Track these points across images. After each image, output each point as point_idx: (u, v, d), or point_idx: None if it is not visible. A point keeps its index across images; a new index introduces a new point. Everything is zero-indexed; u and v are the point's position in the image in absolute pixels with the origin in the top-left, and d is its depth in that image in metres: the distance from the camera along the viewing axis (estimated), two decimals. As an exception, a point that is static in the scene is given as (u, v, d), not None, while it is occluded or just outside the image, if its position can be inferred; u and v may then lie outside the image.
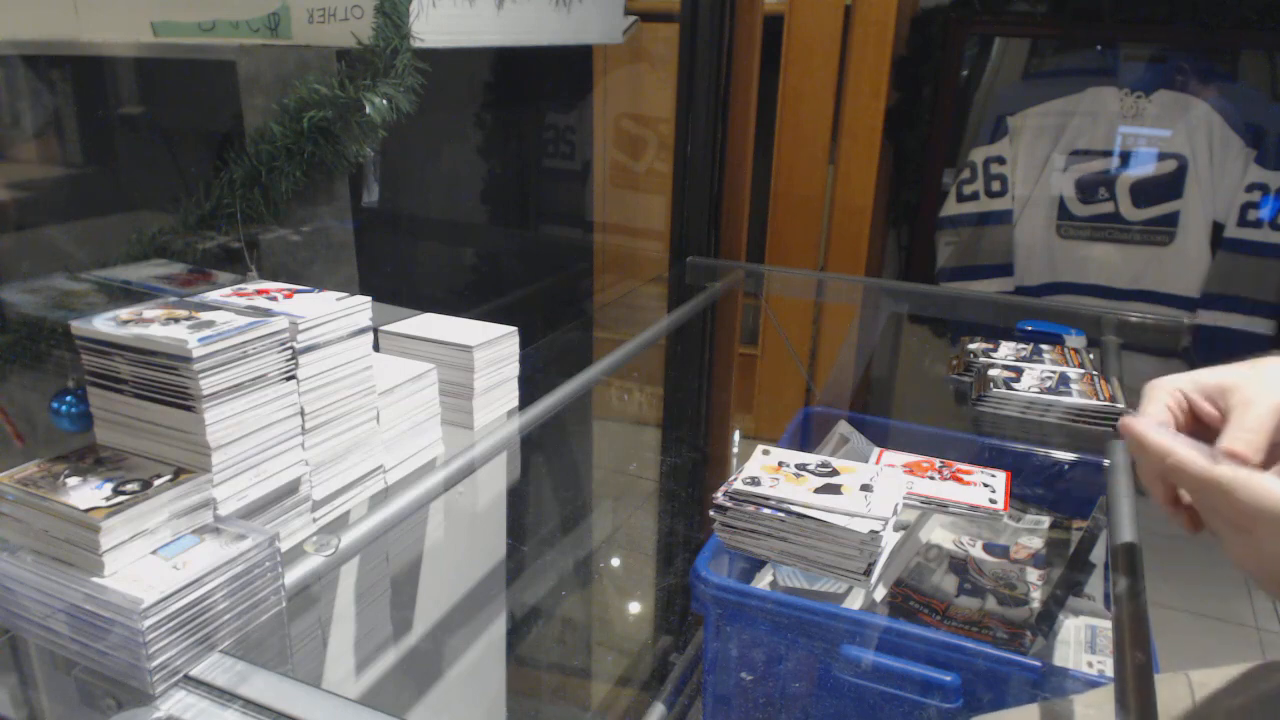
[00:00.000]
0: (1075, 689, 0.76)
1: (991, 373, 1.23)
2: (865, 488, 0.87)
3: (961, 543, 1.10)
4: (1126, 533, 0.76)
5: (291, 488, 0.78)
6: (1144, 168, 2.18)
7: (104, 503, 0.62)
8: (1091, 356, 1.33)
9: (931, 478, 1.03)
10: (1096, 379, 1.23)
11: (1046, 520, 1.14)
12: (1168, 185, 2.17)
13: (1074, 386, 1.20)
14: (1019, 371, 1.24)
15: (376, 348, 0.92)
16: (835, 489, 0.87)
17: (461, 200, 2.15)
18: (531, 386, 1.14)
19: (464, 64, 2.07)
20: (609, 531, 1.48)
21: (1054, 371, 1.24)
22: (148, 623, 0.59)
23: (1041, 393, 1.17)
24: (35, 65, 1.21)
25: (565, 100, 2.47)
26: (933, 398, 1.54)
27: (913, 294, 2.02)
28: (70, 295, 1.05)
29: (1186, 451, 0.54)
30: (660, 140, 2.41)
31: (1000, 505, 0.97)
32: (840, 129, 2.25)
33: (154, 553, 0.64)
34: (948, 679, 0.80)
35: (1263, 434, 0.58)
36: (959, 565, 1.05)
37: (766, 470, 0.90)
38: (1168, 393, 0.65)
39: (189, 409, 0.67)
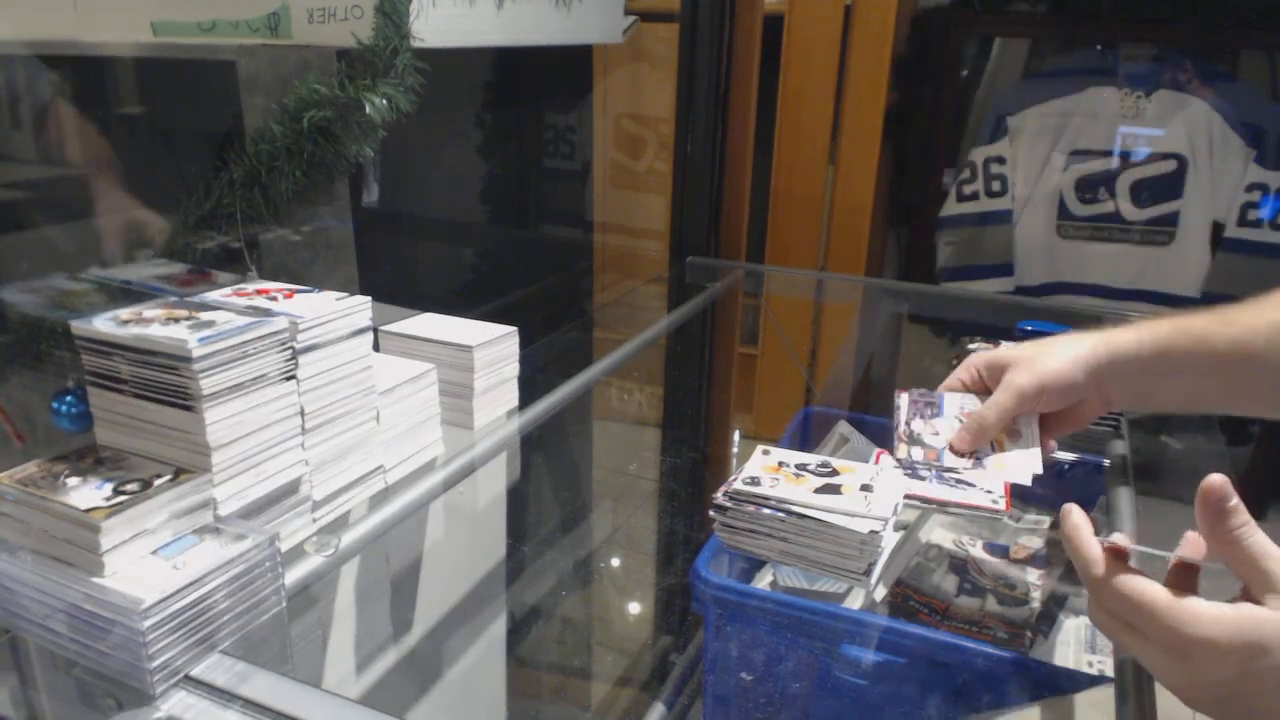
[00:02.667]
0: (1075, 689, 0.76)
1: None
2: (865, 488, 0.87)
3: (961, 543, 1.10)
4: (1125, 531, 0.76)
5: (292, 488, 0.78)
6: (1144, 168, 2.18)
7: (104, 503, 0.62)
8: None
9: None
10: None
11: (1046, 520, 1.14)
12: (1168, 185, 2.17)
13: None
14: None
15: (376, 348, 0.92)
16: (835, 489, 0.87)
17: (461, 200, 2.15)
18: (531, 386, 1.14)
19: (464, 64, 2.08)
20: (609, 531, 1.48)
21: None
22: (148, 623, 0.59)
23: None
24: (35, 65, 1.21)
25: (565, 100, 2.47)
26: (933, 398, 1.54)
27: (913, 294, 2.02)
28: (70, 295, 1.05)
29: (1127, 577, 0.53)
30: (660, 140, 2.41)
31: (1001, 505, 0.97)
32: (840, 129, 2.25)
33: (154, 553, 0.64)
34: (948, 679, 0.80)
35: (982, 430, 0.75)
36: (959, 565, 1.05)
37: (766, 470, 0.90)
38: (968, 367, 0.80)
39: (189, 409, 0.67)
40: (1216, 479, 0.53)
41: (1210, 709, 0.50)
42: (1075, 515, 0.59)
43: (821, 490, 0.87)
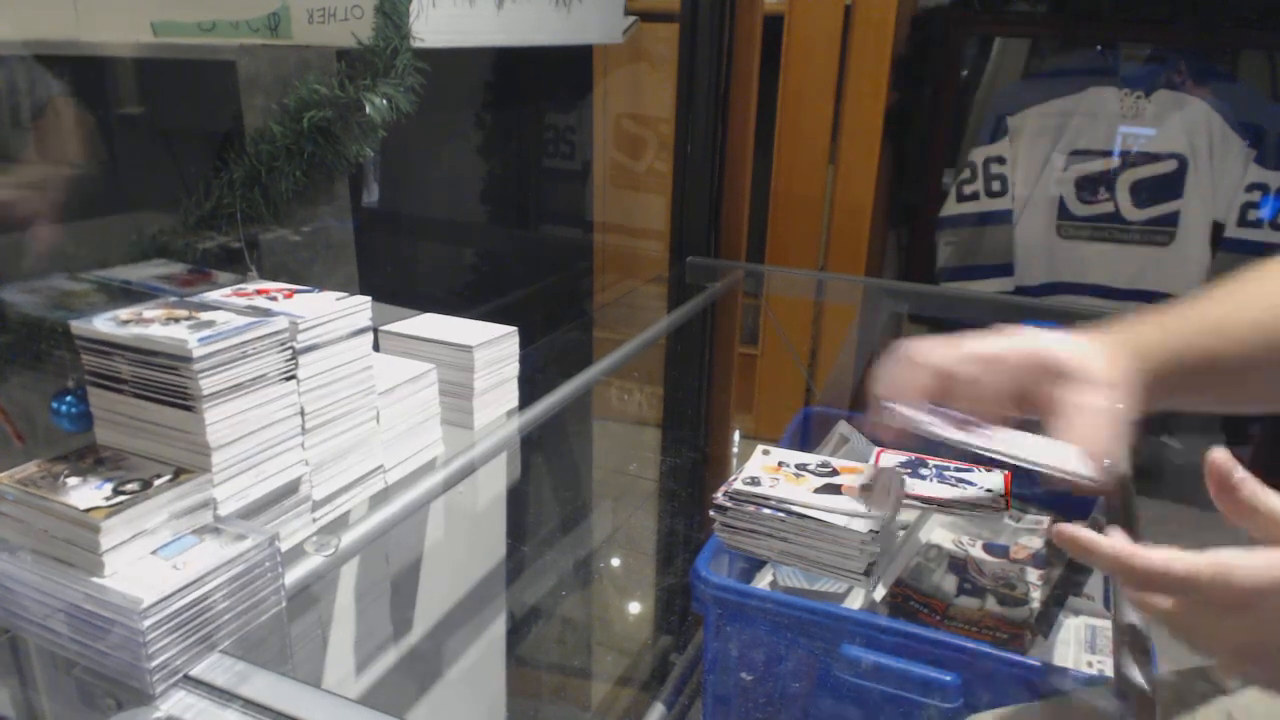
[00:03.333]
0: (1075, 689, 0.76)
1: None
2: (865, 487, 0.87)
3: (961, 543, 1.10)
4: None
5: (291, 488, 0.78)
6: (1144, 168, 2.18)
7: (104, 503, 0.62)
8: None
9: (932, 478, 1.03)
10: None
11: (1046, 520, 1.14)
12: (1168, 185, 2.17)
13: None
14: None
15: (376, 348, 0.92)
16: (835, 489, 0.87)
17: (461, 200, 2.15)
18: (531, 386, 1.14)
19: (464, 64, 2.08)
20: (609, 531, 1.48)
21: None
22: (148, 623, 0.59)
23: None
24: (35, 65, 1.21)
25: (565, 100, 2.47)
26: (933, 398, 1.54)
27: (913, 294, 2.02)
28: (70, 295, 1.05)
29: (1156, 553, 0.52)
30: (660, 140, 2.41)
31: (1001, 505, 0.98)
32: (840, 129, 2.25)
33: (154, 553, 0.64)
34: (947, 679, 0.80)
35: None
36: (959, 565, 1.04)
37: (766, 470, 0.90)
38: (929, 372, 0.68)
39: (189, 409, 0.67)
40: (1219, 455, 0.53)
41: None
42: (1073, 531, 0.56)
43: (821, 490, 0.87)
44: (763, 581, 1.08)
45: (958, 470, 1.05)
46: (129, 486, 0.65)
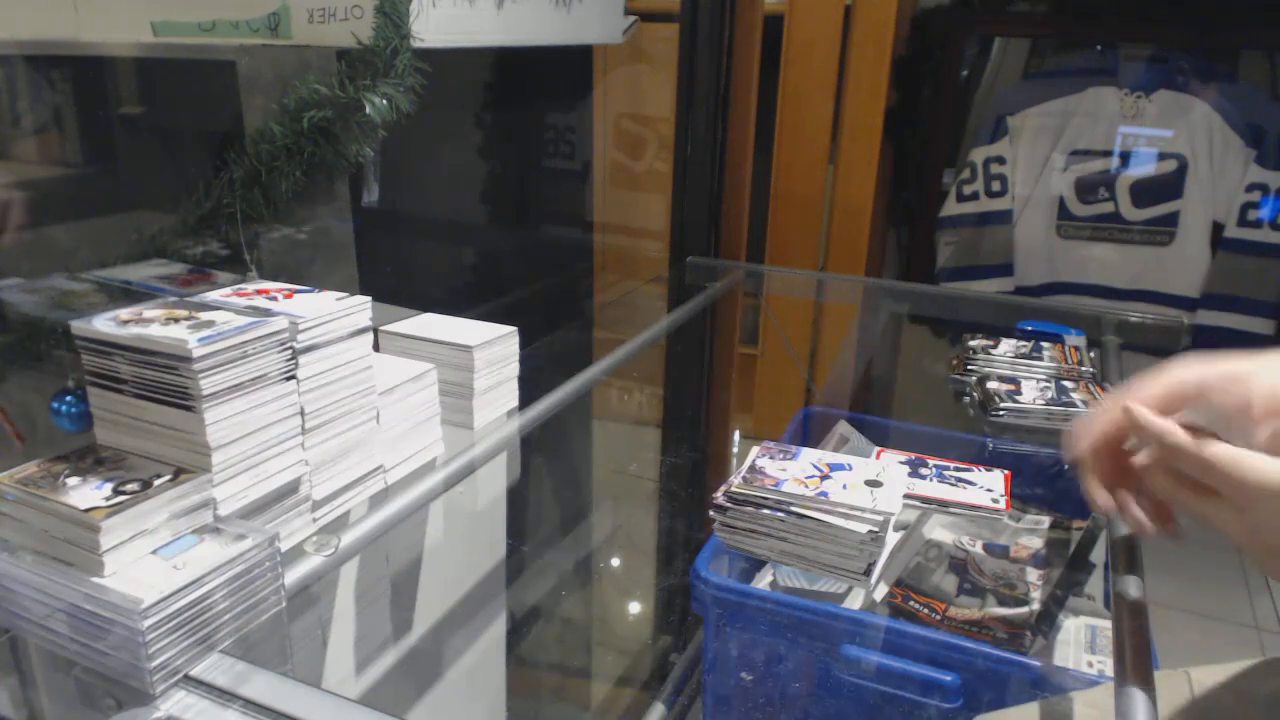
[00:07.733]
0: (1075, 689, 0.76)
1: (990, 385, 1.22)
2: (867, 485, 0.87)
3: (961, 542, 1.10)
4: (1126, 532, 0.76)
5: (291, 488, 0.78)
6: (1144, 168, 2.18)
7: (104, 503, 0.62)
8: (1092, 355, 1.33)
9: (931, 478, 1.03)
10: (1093, 386, 1.23)
11: (1046, 520, 1.14)
12: (1168, 185, 2.17)
13: (1074, 396, 1.19)
14: (1017, 384, 1.23)
15: (376, 348, 0.92)
16: (837, 488, 0.87)
17: (461, 200, 2.15)
18: (531, 386, 1.14)
19: (464, 64, 2.07)
20: (609, 532, 1.48)
21: (1050, 381, 1.24)
22: (148, 623, 0.59)
23: (1047, 405, 1.17)
24: (35, 65, 1.21)
25: (565, 100, 2.47)
26: (933, 398, 1.54)
27: (913, 294, 2.02)
28: (70, 295, 1.05)
29: (1185, 435, 0.56)
30: (660, 140, 2.41)
31: (1001, 505, 0.98)
32: (840, 129, 2.25)
33: (154, 553, 0.64)
34: (947, 679, 0.80)
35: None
36: (959, 565, 1.05)
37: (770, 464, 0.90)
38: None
39: (189, 409, 0.67)
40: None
41: None
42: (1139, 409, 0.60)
43: (822, 489, 0.87)
44: (763, 581, 1.08)
45: (958, 470, 1.05)
46: (129, 486, 0.65)
